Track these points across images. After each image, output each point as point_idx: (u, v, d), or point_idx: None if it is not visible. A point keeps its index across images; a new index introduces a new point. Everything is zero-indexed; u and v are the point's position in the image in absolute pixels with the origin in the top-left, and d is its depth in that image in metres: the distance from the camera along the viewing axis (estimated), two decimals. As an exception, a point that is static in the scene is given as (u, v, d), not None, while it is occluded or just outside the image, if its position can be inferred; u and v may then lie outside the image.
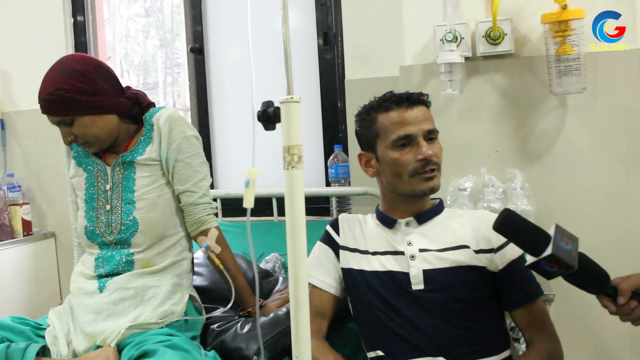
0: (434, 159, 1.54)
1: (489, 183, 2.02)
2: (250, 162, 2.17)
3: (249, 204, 1.09)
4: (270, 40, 2.48)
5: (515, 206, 1.97)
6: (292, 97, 1.08)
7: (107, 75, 1.80)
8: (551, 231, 1.30)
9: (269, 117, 1.13)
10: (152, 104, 1.91)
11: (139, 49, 5.44)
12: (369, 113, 1.61)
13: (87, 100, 1.73)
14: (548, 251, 1.25)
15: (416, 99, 1.57)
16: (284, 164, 1.07)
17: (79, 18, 3.18)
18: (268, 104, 1.14)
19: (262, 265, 2.25)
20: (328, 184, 2.66)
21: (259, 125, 1.14)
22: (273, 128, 1.14)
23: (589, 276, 1.29)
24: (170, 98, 5.41)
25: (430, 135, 1.57)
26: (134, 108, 1.84)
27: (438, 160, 1.56)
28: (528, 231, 1.31)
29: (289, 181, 1.07)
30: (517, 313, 1.54)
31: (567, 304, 1.91)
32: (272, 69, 2.08)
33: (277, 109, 1.11)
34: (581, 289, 1.32)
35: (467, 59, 2.05)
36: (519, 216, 1.34)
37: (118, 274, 1.76)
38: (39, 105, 1.75)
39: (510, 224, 1.33)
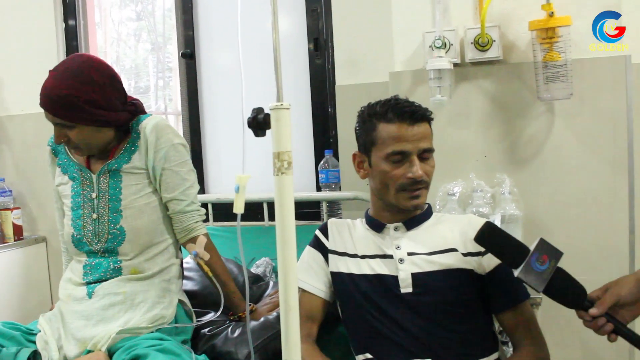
0: (424, 178, 1.55)
1: (478, 188, 2.03)
2: (241, 167, 2.18)
3: (239, 209, 1.11)
4: (261, 45, 2.49)
5: (504, 211, 1.98)
6: (282, 104, 1.10)
7: (119, 88, 1.78)
8: (533, 246, 1.32)
9: (259, 123, 1.14)
10: (143, 111, 1.90)
11: (131, 53, 5.43)
12: (370, 117, 1.61)
13: (95, 112, 1.70)
14: (516, 273, 1.30)
15: (419, 117, 1.57)
16: (274, 170, 1.08)
17: (70, 22, 3.18)
18: (258, 111, 1.15)
19: (253, 269, 2.26)
20: (319, 189, 2.68)
21: (250, 131, 1.15)
22: (263, 134, 1.16)
23: (561, 294, 1.33)
24: (162, 102, 5.40)
25: (425, 154, 1.58)
26: (131, 120, 1.83)
27: (428, 179, 1.58)
28: (506, 246, 1.36)
29: (279, 187, 1.09)
30: (504, 316, 1.56)
31: (554, 308, 1.90)
32: (263, 74, 2.09)
33: (267, 115, 1.12)
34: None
35: (455, 65, 2.07)
36: (500, 230, 1.39)
37: (106, 280, 1.77)
38: (39, 97, 1.70)
39: (489, 238, 1.39)
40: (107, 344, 1.59)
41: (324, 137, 2.75)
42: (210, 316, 1.78)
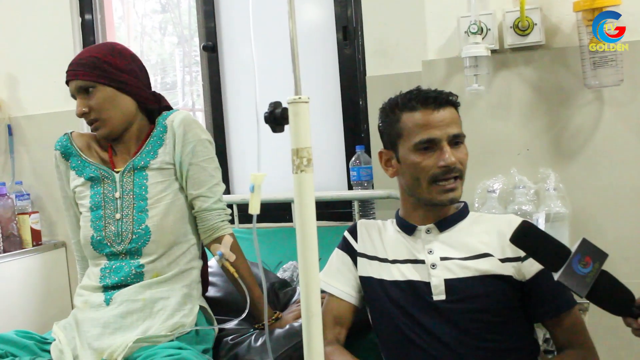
0: (457, 165, 1.54)
1: (520, 184, 2.01)
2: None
3: (254, 210, 1.12)
4: (287, 37, 2.50)
5: (549, 208, 1.96)
6: (299, 97, 1.10)
7: (140, 65, 1.93)
8: (575, 247, 1.29)
9: (277, 118, 1.15)
10: (169, 107, 1.97)
11: (156, 47, 5.47)
12: (393, 110, 1.61)
13: (115, 73, 1.83)
14: (556, 276, 1.27)
15: (444, 100, 1.56)
16: (293, 167, 1.09)
17: (87, 17, 3.23)
18: (275, 105, 1.16)
19: (280, 274, 2.27)
20: (350, 187, 2.67)
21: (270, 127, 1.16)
22: (281, 130, 1.16)
23: (606, 300, 1.30)
24: (189, 98, 5.43)
25: (456, 140, 1.56)
26: (154, 104, 1.92)
27: (462, 167, 1.56)
28: (545, 247, 1.33)
29: (298, 186, 1.10)
30: (548, 323, 1.55)
31: (604, 313, 1.90)
32: (288, 66, 2.09)
33: (285, 109, 1.13)
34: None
35: (494, 51, 2.05)
36: (538, 230, 1.36)
37: (125, 285, 1.80)
38: (66, 74, 1.86)
39: (526, 238, 1.35)
40: (123, 353, 1.62)
41: (355, 132, 2.74)
42: (233, 322, 1.80)
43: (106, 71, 1.82)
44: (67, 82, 1.87)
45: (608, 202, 2.01)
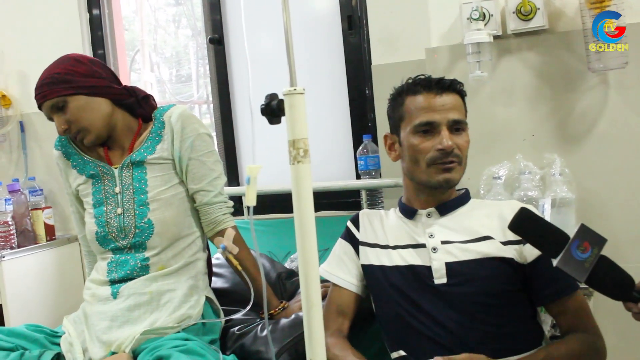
0: (455, 151, 1.54)
1: (526, 170, 2.01)
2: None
3: (250, 202, 1.12)
4: (296, 27, 2.50)
5: (555, 194, 1.95)
6: (295, 89, 1.10)
7: (101, 65, 1.92)
8: (573, 233, 1.29)
9: (273, 110, 1.15)
10: (150, 98, 1.97)
11: (171, 40, 5.46)
12: (400, 94, 1.64)
13: (80, 80, 1.82)
14: (555, 262, 1.27)
15: (446, 85, 1.58)
16: (290, 159, 1.09)
17: (95, 12, 3.24)
18: (272, 97, 1.16)
19: (287, 264, 2.28)
20: (358, 177, 2.67)
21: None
22: (278, 122, 1.16)
23: (605, 284, 1.29)
24: (204, 90, 5.44)
25: (456, 126, 1.57)
26: (129, 98, 1.91)
27: (460, 153, 1.56)
28: (544, 233, 1.32)
29: (296, 177, 1.10)
30: (551, 307, 1.54)
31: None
32: (295, 58, 2.09)
33: (281, 101, 1.12)
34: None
35: (496, 37, 2.04)
36: (536, 216, 1.36)
37: (132, 278, 1.82)
38: (35, 101, 1.86)
39: (525, 225, 1.35)
40: (131, 345, 1.64)
41: (362, 121, 2.74)
42: (240, 313, 1.81)
43: (71, 82, 1.82)
44: (40, 107, 1.87)
45: (614, 186, 2.00)
